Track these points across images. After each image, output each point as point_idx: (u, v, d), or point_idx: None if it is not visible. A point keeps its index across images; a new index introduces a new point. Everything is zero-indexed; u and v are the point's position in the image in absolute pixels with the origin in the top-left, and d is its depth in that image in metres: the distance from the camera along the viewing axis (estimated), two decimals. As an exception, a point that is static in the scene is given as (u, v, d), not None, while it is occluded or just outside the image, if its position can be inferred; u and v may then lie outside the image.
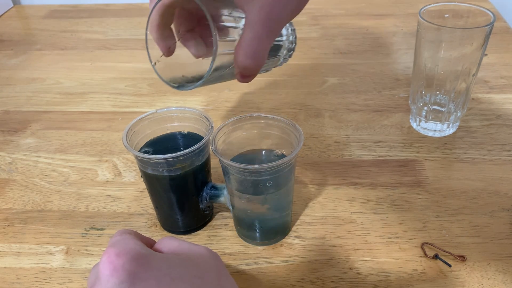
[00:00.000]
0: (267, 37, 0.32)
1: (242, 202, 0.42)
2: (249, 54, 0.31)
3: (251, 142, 0.45)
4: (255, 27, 0.31)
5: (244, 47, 0.31)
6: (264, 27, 0.31)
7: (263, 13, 0.31)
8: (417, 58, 0.55)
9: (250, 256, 0.44)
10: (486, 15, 0.51)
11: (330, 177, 0.52)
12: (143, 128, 0.45)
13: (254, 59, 0.32)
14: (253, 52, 0.31)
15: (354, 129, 0.60)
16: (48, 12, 1.02)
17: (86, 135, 0.62)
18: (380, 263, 0.42)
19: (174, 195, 0.44)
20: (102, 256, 0.27)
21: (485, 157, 0.54)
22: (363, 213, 0.48)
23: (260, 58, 0.32)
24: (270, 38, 0.32)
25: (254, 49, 0.31)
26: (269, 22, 0.31)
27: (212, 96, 0.68)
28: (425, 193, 0.49)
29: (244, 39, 0.31)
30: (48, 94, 0.72)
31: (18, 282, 0.43)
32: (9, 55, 0.84)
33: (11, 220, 0.49)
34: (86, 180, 0.54)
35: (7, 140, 0.62)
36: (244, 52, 0.31)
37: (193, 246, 0.32)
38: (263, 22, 0.31)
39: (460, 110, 0.56)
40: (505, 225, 0.45)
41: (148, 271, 0.27)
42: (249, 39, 0.31)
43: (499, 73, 0.70)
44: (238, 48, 0.32)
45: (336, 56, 0.78)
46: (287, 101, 0.66)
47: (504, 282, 0.40)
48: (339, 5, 0.97)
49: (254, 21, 0.31)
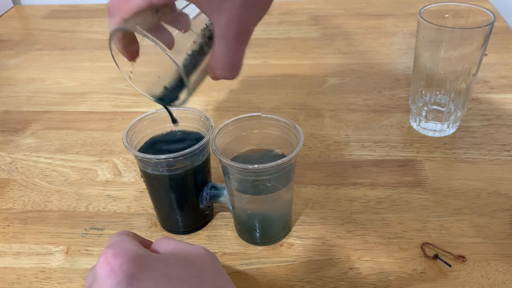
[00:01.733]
0: (241, 47, 0.32)
1: (242, 202, 0.42)
2: (227, 67, 0.32)
3: (251, 142, 0.45)
4: (226, 40, 0.31)
5: (220, 61, 0.32)
6: (236, 40, 0.32)
7: (233, 26, 0.31)
8: (417, 58, 0.55)
9: (250, 256, 0.44)
10: (486, 15, 0.51)
11: (330, 177, 0.52)
12: (143, 128, 0.45)
13: (231, 70, 0.33)
14: (229, 64, 0.32)
15: (354, 129, 0.60)
16: (48, 12, 1.02)
17: (86, 135, 0.62)
18: (380, 263, 0.42)
19: (174, 195, 0.44)
20: (100, 257, 0.27)
21: (485, 157, 0.54)
22: (363, 213, 0.48)
23: (237, 67, 0.33)
24: (243, 47, 0.33)
25: (230, 61, 0.32)
26: (240, 33, 0.32)
27: (212, 96, 0.68)
28: (425, 193, 0.49)
29: (218, 53, 0.32)
30: (48, 94, 0.72)
31: (18, 282, 0.43)
32: (9, 55, 0.84)
33: (11, 220, 0.49)
34: (86, 180, 0.54)
35: (7, 140, 0.62)
36: (221, 66, 0.32)
37: (190, 246, 0.32)
38: (234, 35, 0.31)
39: (460, 110, 0.56)
40: (505, 225, 0.45)
41: (146, 272, 0.27)
42: (223, 53, 0.32)
43: (499, 73, 0.70)
44: (213, 62, 0.32)
45: (336, 56, 0.78)
46: (287, 101, 0.66)
47: (504, 282, 0.40)
48: (339, 5, 0.97)
49: (224, 34, 0.31)
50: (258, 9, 0.32)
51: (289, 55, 0.79)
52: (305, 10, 0.96)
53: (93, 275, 0.28)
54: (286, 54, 0.79)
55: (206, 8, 0.31)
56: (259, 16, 0.33)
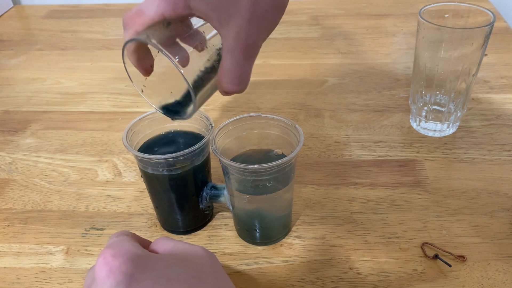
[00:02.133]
0: (248, 62, 0.32)
1: (242, 202, 0.42)
2: (234, 81, 0.32)
3: (251, 142, 0.45)
4: (234, 54, 0.31)
5: (227, 75, 0.32)
6: (243, 54, 0.32)
7: (241, 40, 0.31)
8: (417, 58, 0.55)
9: (250, 256, 0.44)
10: (486, 15, 0.51)
11: (330, 177, 0.52)
12: (143, 128, 0.45)
13: (239, 84, 0.33)
14: (237, 78, 0.32)
15: (354, 129, 0.60)
16: (48, 12, 1.02)
17: (86, 135, 0.62)
18: (380, 263, 0.42)
19: (174, 195, 0.44)
20: (98, 257, 0.27)
21: (485, 157, 0.54)
22: (363, 213, 0.48)
23: (245, 81, 0.33)
24: (251, 61, 0.33)
25: (238, 75, 0.32)
26: (248, 47, 0.32)
27: (212, 96, 0.68)
28: (425, 193, 0.49)
29: (226, 67, 0.32)
30: (48, 94, 0.72)
31: (18, 282, 0.43)
32: (9, 55, 0.84)
33: (11, 220, 0.49)
34: (86, 180, 0.54)
35: (7, 140, 0.62)
36: (228, 80, 0.32)
37: (189, 246, 0.32)
38: (241, 49, 0.31)
39: (460, 110, 0.56)
40: (505, 225, 0.45)
41: (145, 272, 0.27)
42: (231, 67, 0.32)
43: (499, 73, 0.70)
44: (221, 76, 0.32)
45: (336, 56, 0.78)
46: (287, 101, 0.66)
47: (504, 282, 0.40)
48: (339, 5, 0.97)
49: (232, 48, 0.31)
50: (267, 23, 0.32)
51: (289, 55, 0.79)
52: (305, 10, 0.96)
53: (92, 275, 0.28)
54: (286, 54, 0.79)
55: (215, 21, 0.31)
56: (267, 31, 0.33)
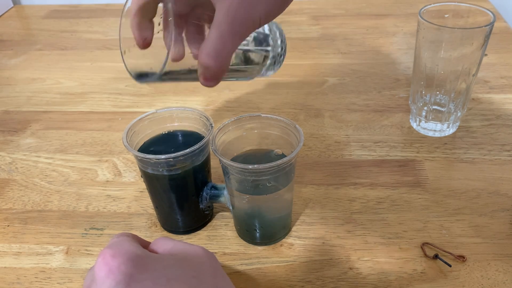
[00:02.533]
0: (231, 39, 0.31)
1: (242, 202, 0.42)
2: (211, 54, 0.31)
3: (251, 142, 0.45)
4: (221, 26, 0.30)
5: (207, 46, 0.31)
6: (229, 27, 0.30)
7: (230, 13, 0.30)
8: (417, 58, 0.55)
9: (250, 256, 0.44)
10: (486, 15, 0.51)
11: (330, 177, 0.52)
12: (143, 128, 0.45)
13: (215, 59, 0.31)
14: (215, 52, 0.31)
15: (354, 129, 0.60)
16: (48, 12, 1.02)
17: (86, 135, 0.62)
18: (380, 263, 0.42)
19: (174, 195, 0.44)
20: (98, 257, 0.27)
21: (485, 157, 0.54)
22: (363, 213, 0.48)
23: (222, 59, 0.31)
24: (235, 40, 0.31)
25: (217, 49, 0.31)
26: (235, 23, 0.30)
27: (212, 96, 0.68)
28: (425, 193, 0.49)
29: (209, 38, 0.30)
30: (48, 94, 0.72)
31: (18, 282, 0.43)
32: (9, 55, 0.84)
33: (11, 220, 0.49)
34: (86, 180, 0.54)
35: (7, 140, 0.62)
36: (207, 51, 0.31)
37: (188, 246, 0.32)
38: (229, 22, 0.30)
39: (460, 110, 0.56)
40: (505, 225, 0.45)
41: (144, 272, 0.27)
42: (213, 38, 0.30)
43: (499, 73, 0.70)
44: (202, 46, 0.31)
45: (336, 56, 0.78)
46: (287, 101, 0.66)
47: (504, 282, 0.40)
48: (339, 5, 0.97)
49: (220, 20, 0.30)
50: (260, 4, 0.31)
51: (289, 55, 0.78)
52: (305, 10, 0.96)
53: (92, 275, 0.28)
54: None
55: None
56: (261, 13, 0.31)
